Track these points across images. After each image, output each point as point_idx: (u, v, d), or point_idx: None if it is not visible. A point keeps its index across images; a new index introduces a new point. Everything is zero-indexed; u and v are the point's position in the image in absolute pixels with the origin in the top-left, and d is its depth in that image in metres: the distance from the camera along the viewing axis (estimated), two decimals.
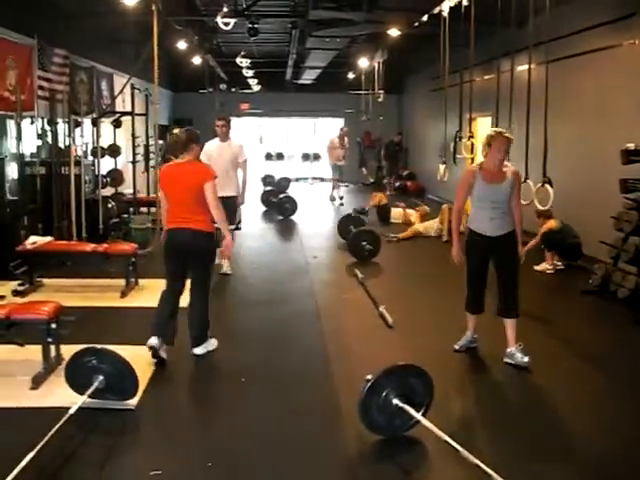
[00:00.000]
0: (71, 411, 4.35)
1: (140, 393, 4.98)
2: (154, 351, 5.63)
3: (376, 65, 18.50)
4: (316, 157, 26.61)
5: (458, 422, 4.62)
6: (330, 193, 18.88)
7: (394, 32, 13.40)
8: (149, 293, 7.93)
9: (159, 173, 6.38)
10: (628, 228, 8.37)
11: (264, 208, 16.70)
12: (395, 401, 4.34)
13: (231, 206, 8.31)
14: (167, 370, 5.65)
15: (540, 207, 7.05)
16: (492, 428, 4.72)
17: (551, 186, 6.94)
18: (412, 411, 4.33)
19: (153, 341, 5.64)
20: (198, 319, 6.00)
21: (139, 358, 5.48)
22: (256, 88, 24.11)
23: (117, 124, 13.92)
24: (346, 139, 18.17)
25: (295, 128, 27.39)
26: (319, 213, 16.50)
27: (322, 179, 25.83)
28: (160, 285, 6.03)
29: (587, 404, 5.19)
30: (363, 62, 18.72)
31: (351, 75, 22.06)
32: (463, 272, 6.02)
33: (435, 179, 10.81)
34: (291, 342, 6.63)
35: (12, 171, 10.03)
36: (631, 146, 8.63)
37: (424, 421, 4.28)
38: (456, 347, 6.19)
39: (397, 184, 20.86)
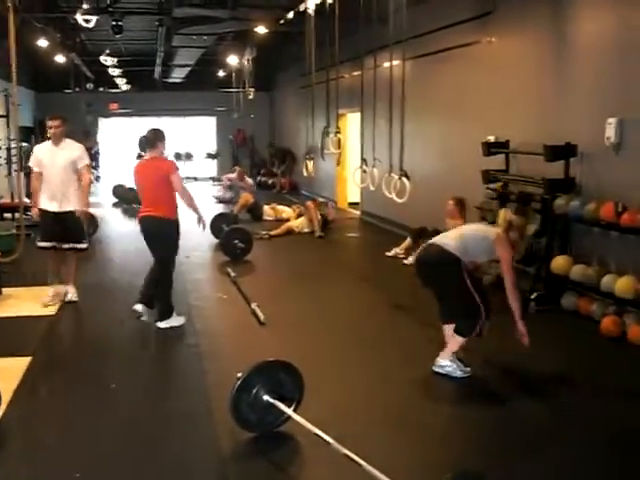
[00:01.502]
0: None
1: (4, 406, 4.78)
2: (138, 315, 6.77)
3: (245, 63, 18.47)
4: (188, 156, 26.29)
5: (329, 416, 4.66)
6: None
7: (261, 29, 13.43)
8: (15, 302, 7.67)
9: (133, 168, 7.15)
10: (491, 217, 8.70)
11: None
12: (266, 397, 4.34)
13: (73, 223, 7.55)
14: (33, 380, 5.45)
15: (398, 200, 7.22)
16: (364, 420, 4.79)
17: (408, 179, 7.14)
18: (283, 407, 4.35)
19: (138, 307, 6.79)
20: (159, 296, 6.85)
21: (4, 370, 5.27)
22: (125, 87, 23.56)
23: None
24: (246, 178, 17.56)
25: (167, 127, 26.87)
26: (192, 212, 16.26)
27: (195, 178, 25.58)
28: (28, 293, 5.98)
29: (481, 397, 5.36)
30: (232, 60, 18.64)
31: (221, 73, 21.92)
32: (336, 268, 6.10)
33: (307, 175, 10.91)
34: (164, 342, 6.55)
35: None
36: (491, 138, 8.99)
37: (295, 416, 4.31)
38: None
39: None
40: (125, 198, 17.66)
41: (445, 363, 5.51)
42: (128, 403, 5.09)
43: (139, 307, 6.78)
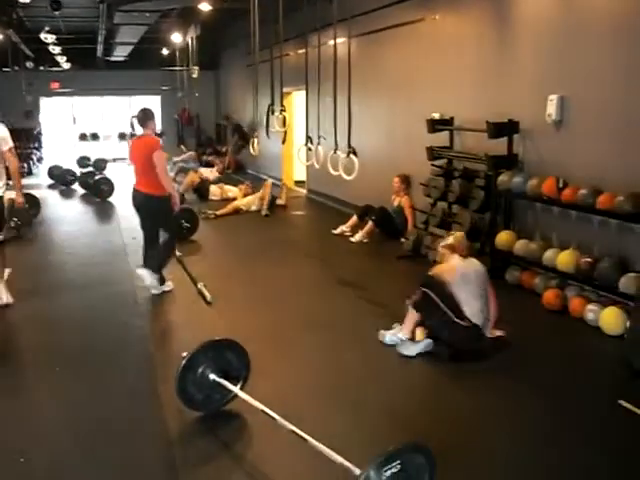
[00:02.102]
0: None
1: None
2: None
3: (190, 41, 18.24)
4: (132, 136, 25.86)
5: (276, 394, 4.68)
6: None
7: (205, 6, 13.26)
8: None
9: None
10: (436, 194, 8.79)
11: (82, 191, 16.08)
12: (212, 376, 4.34)
13: None
14: None
15: (346, 177, 7.23)
16: (311, 398, 4.82)
17: (356, 156, 7.16)
18: (229, 385, 4.34)
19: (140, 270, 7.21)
20: (153, 259, 7.24)
21: None
22: (66, 66, 23.05)
23: None
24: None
25: (110, 107, 26.47)
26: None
27: None
28: None
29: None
30: (176, 38, 18.39)
31: (165, 51, 21.62)
32: (282, 245, 6.10)
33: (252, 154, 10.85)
34: (108, 325, 6.48)
35: None
36: (436, 116, 9.05)
37: (241, 394, 4.31)
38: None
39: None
40: (61, 179, 17.38)
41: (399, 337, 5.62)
42: (72, 385, 5.03)
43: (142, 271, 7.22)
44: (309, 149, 8.33)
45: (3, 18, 15.50)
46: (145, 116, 7.28)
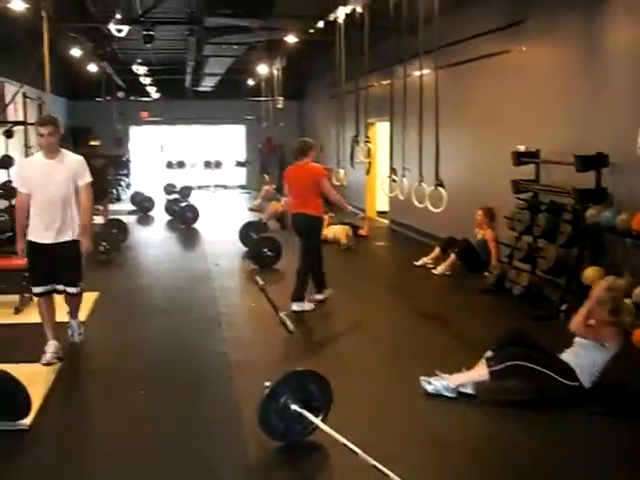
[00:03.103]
0: None
1: (34, 412, 4.82)
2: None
3: (275, 72, 18.53)
4: (217, 165, 26.42)
5: (357, 426, 4.65)
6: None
7: (291, 39, 13.48)
8: None
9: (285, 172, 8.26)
10: (521, 228, 8.65)
11: (168, 217, 16.47)
12: (294, 407, 4.35)
13: (73, 257, 6.06)
14: (64, 386, 5.50)
15: (433, 209, 7.19)
16: (392, 432, 4.78)
17: (444, 189, 7.12)
18: (311, 416, 4.34)
19: (294, 307, 7.69)
20: (299, 279, 7.83)
21: (34, 375, 5.33)
22: (155, 96, 23.77)
23: (9, 134, 13.50)
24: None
25: (196, 136, 27.08)
26: (221, 221, 16.39)
27: (225, 186, 25.74)
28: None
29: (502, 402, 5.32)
30: (262, 69, 18.72)
31: (251, 82, 22.03)
32: (364, 277, 6.09)
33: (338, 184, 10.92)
34: (192, 350, 6.56)
35: None
36: (521, 148, 8.94)
37: (323, 426, 4.30)
38: None
39: None
40: (140, 205, 17.89)
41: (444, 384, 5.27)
42: (156, 410, 5.11)
43: (295, 306, 7.70)
44: (393, 180, 8.34)
45: (99, 51, 16.09)
46: (307, 146, 7.93)
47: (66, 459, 4.44)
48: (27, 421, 4.71)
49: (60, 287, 6.08)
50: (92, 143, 13.25)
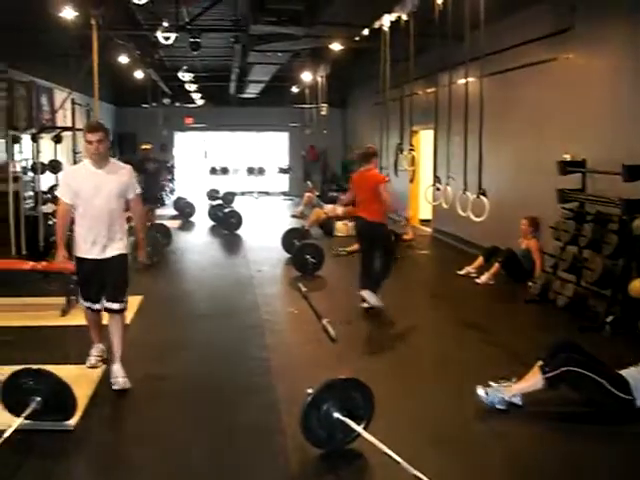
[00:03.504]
0: (6, 434, 4.26)
1: (80, 413, 4.89)
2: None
3: (319, 79, 18.59)
4: (261, 171, 26.58)
5: (399, 435, 4.64)
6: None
7: (336, 46, 13.51)
8: None
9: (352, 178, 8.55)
10: (566, 238, 8.55)
11: (211, 223, 16.61)
12: (336, 414, 4.35)
13: (118, 272, 5.73)
14: (108, 388, 5.56)
15: (475, 218, 7.14)
16: (434, 441, 4.75)
17: (485, 197, 7.06)
18: (353, 424, 4.34)
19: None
20: (373, 274, 8.04)
21: (79, 377, 5.41)
22: (200, 102, 24.02)
23: (58, 139, 13.73)
24: None
25: (240, 142, 27.28)
26: (264, 227, 16.48)
27: (267, 193, 25.88)
28: None
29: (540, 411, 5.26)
30: (306, 76, 18.78)
31: (295, 89, 22.11)
32: (407, 285, 6.07)
33: None
34: (234, 356, 6.60)
35: None
36: (567, 157, 8.84)
37: (365, 434, 4.30)
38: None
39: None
40: (182, 210, 18.04)
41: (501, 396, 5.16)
42: (197, 416, 5.15)
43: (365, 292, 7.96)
44: (437, 189, 8.31)
45: (146, 59, 16.32)
46: (371, 154, 8.17)
47: (109, 461, 4.50)
48: (72, 422, 4.79)
49: (104, 303, 5.73)
50: (145, 147, 13.36)
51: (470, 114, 7.53)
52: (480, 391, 5.20)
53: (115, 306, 5.67)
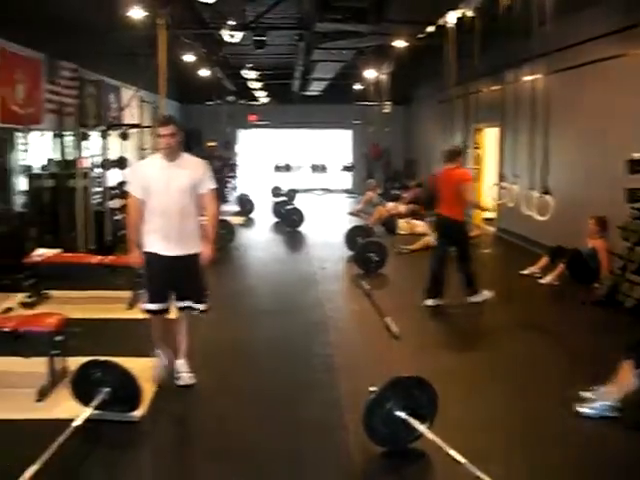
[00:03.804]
0: (75, 423, 4.37)
1: (145, 405, 4.99)
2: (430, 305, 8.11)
3: (383, 76, 18.52)
4: (324, 168, 26.63)
5: (462, 435, 4.61)
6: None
7: (400, 44, 13.44)
8: None
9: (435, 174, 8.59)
10: (635, 238, 8.35)
11: (274, 219, 16.72)
12: (399, 413, 4.34)
13: (193, 273, 5.59)
14: (173, 383, 5.65)
15: (539, 217, 7.03)
16: (497, 441, 4.71)
17: (551, 196, 6.94)
18: (416, 423, 4.32)
19: (428, 302, 8.11)
20: (462, 276, 8.25)
21: (145, 370, 5.50)
22: (264, 100, 24.19)
23: (125, 136, 14.00)
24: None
25: (303, 139, 27.39)
26: (328, 224, 16.52)
27: (330, 190, 25.92)
28: None
29: None
30: (370, 73, 18.74)
31: (358, 86, 22.08)
32: None
33: None
34: (298, 353, 6.64)
35: (21, 183, 10.11)
36: (637, 156, 8.63)
37: (428, 434, 4.27)
38: None
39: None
40: (243, 207, 18.20)
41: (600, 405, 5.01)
42: (260, 413, 5.19)
43: (430, 302, 8.11)
44: (502, 187, 8.22)
45: (212, 57, 16.51)
46: (455, 152, 8.25)
47: (173, 454, 4.59)
48: (137, 413, 4.88)
49: (184, 304, 5.55)
50: (210, 144, 13.49)
51: (536, 111, 7.42)
52: (582, 408, 5.03)
53: (199, 306, 5.60)
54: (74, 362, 5.16)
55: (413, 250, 12.16)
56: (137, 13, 10.44)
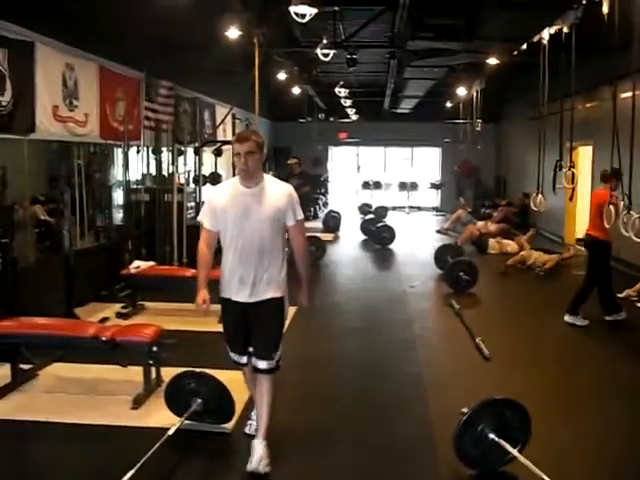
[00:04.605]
0: (169, 432, 4.48)
1: (236, 417, 5.05)
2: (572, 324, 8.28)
3: (474, 94, 18.37)
4: (413, 186, 26.53)
5: (556, 459, 4.50)
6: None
7: (492, 61, 13.31)
8: None
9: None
10: None
11: (363, 237, 16.73)
12: (491, 435, 4.27)
13: (271, 320, 4.54)
14: None
15: (637, 239, 6.79)
16: (592, 467, 4.58)
17: None
18: (508, 446, 4.24)
19: (567, 318, 8.30)
20: (578, 293, 8.44)
21: (236, 382, 5.57)
22: (354, 117, 24.31)
23: (218, 153, 14.28)
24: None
25: (392, 157, 27.38)
26: (416, 243, 16.41)
27: (419, 208, 25.79)
28: None
29: None
30: (461, 91, 18.62)
31: (448, 104, 21.95)
32: (561, 304, 5.88)
33: (533, 209, 10.62)
34: (387, 371, 6.61)
35: (118, 198, 10.44)
36: None
37: (520, 457, 4.19)
38: None
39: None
40: (328, 225, 18.25)
41: None
42: (349, 425, 5.19)
43: (568, 318, 8.30)
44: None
45: (304, 75, 16.71)
46: (607, 174, 8.16)
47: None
48: (230, 425, 4.96)
49: (257, 363, 4.56)
50: (290, 162, 13.54)
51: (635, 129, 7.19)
52: None
53: (262, 365, 4.52)
54: (169, 372, 5.28)
55: (509, 265, 11.97)
56: (233, 32, 10.66)
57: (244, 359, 4.63)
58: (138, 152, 11.20)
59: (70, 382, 5.93)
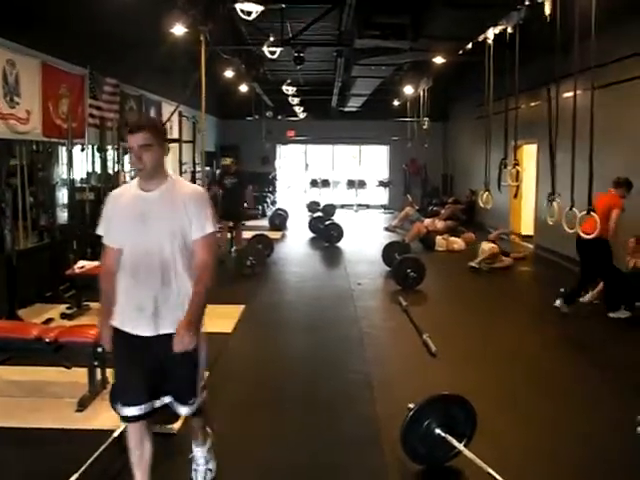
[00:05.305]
0: (115, 434, 4.41)
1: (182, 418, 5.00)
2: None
3: (421, 92, 18.53)
4: (361, 184, 26.65)
5: (501, 453, 4.56)
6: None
7: (439, 60, 13.44)
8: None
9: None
10: None
11: (311, 235, 16.75)
12: (437, 431, 4.30)
13: (185, 359, 3.51)
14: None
15: (585, 236, 6.95)
16: (536, 460, 4.65)
17: (596, 214, 6.85)
18: (454, 441, 4.29)
19: (557, 303, 8.80)
20: (608, 294, 8.77)
21: None
22: (302, 115, 24.33)
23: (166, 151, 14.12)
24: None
25: (340, 155, 27.48)
26: (364, 240, 16.49)
27: (367, 206, 25.93)
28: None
29: None
30: (408, 89, 18.75)
31: (396, 102, 22.11)
32: (508, 300, 5.96)
33: (480, 206, 10.78)
34: (334, 368, 6.62)
35: (62, 196, 10.25)
36: None
37: (466, 452, 4.24)
38: None
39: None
40: (277, 224, 18.24)
41: None
42: (296, 428, 5.18)
43: (558, 302, 8.71)
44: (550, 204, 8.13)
45: (251, 72, 16.65)
46: (619, 181, 8.55)
47: None
48: (176, 425, 4.89)
49: (165, 400, 3.64)
50: (224, 162, 13.30)
51: (577, 128, 7.33)
52: None
53: (184, 409, 3.72)
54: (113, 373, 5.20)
55: (482, 260, 12.07)
56: (178, 29, 10.56)
57: (142, 409, 3.54)
58: (83, 150, 11.03)
59: (14, 385, 5.81)
